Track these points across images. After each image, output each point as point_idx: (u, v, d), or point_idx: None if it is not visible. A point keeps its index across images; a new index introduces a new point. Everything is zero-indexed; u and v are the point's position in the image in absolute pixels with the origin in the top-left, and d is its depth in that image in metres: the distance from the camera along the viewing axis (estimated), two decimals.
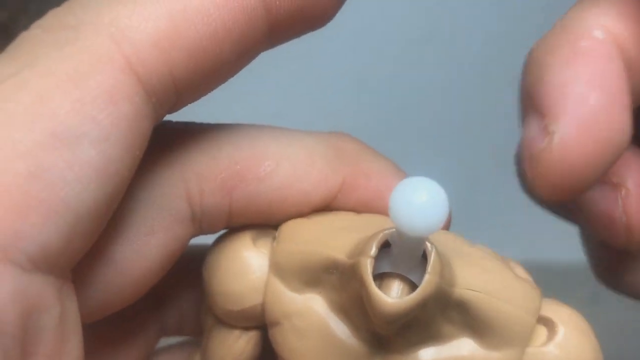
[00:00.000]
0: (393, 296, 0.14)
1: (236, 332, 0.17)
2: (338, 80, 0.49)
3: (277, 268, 0.16)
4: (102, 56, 0.13)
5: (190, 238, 0.17)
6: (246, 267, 0.16)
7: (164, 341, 0.21)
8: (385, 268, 0.15)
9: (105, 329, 0.18)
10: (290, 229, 0.17)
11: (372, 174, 0.17)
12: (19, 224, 0.12)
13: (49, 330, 0.13)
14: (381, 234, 0.14)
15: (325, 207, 0.17)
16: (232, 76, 0.15)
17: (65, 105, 0.13)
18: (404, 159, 0.19)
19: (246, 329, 0.17)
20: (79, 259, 0.14)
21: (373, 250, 0.14)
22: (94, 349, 0.17)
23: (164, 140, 0.16)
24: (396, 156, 0.18)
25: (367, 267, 0.14)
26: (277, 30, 0.15)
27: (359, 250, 0.14)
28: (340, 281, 0.15)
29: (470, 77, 0.49)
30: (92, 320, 0.16)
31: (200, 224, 0.17)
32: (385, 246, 0.14)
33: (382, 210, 0.17)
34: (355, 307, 0.15)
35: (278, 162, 0.16)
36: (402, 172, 0.17)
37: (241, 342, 0.17)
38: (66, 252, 0.13)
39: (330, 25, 0.16)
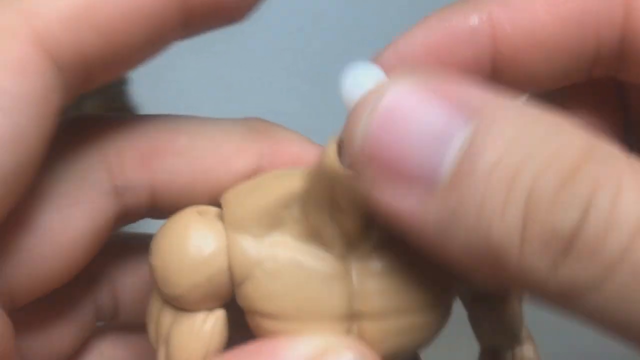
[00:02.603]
0: None
1: (201, 316, 0.16)
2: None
3: (235, 224, 0.16)
4: (9, 28, 0.13)
5: (117, 213, 0.17)
6: (202, 236, 0.16)
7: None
8: None
9: (38, 313, 0.18)
10: (233, 192, 0.17)
11: (289, 142, 0.18)
12: None
13: None
14: (334, 138, 0.15)
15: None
16: (145, 61, 0.15)
17: None
18: None
19: (210, 309, 0.17)
20: None
21: (334, 147, 0.15)
22: (27, 333, 0.17)
23: (86, 122, 0.16)
24: None
25: (333, 147, 0.15)
26: (192, 21, 0.15)
27: (318, 162, 0.15)
28: (303, 209, 0.16)
29: None
30: (26, 302, 0.16)
31: (124, 198, 0.17)
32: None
33: None
34: (323, 218, 0.16)
35: (194, 137, 0.17)
36: (316, 144, 0.18)
37: (208, 325, 0.16)
38: None
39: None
